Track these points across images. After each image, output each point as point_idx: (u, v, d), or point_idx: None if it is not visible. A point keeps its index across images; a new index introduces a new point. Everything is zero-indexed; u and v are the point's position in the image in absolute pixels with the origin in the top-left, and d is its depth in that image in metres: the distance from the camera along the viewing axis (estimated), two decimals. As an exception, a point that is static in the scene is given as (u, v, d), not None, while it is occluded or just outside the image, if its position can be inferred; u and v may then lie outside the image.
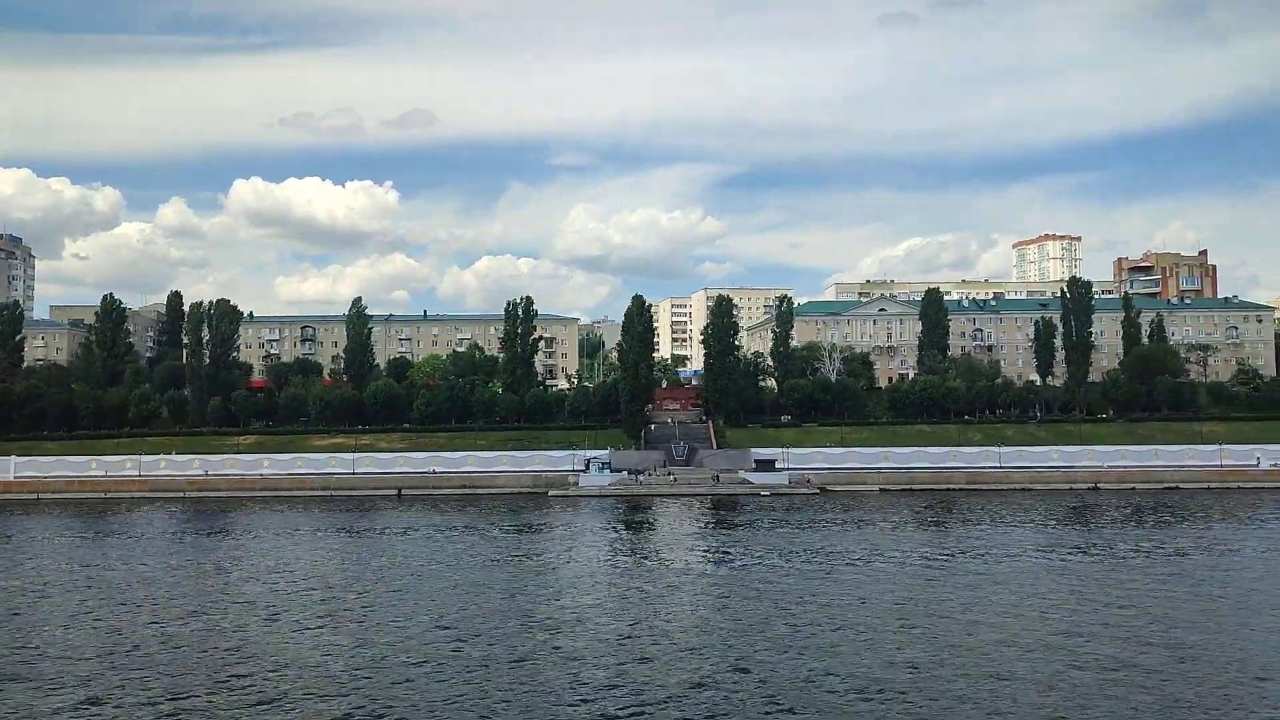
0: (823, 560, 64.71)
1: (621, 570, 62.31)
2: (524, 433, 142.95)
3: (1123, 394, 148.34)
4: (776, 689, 35.23)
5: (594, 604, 51.19)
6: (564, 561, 65.82)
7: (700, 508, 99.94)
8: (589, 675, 37.18)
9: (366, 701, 34.06)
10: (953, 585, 55.19)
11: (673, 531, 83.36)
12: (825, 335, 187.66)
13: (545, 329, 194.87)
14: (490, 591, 54.25)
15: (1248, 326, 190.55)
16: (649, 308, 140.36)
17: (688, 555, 68.44)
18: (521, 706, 33.48)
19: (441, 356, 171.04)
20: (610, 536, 79.34)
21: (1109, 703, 33.29)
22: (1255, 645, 41.27)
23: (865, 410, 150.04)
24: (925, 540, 74.40)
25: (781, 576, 58.55)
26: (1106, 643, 41.28)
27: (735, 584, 56.72)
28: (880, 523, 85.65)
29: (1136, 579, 56.60)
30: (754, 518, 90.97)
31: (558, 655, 40.25)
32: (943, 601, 50.57)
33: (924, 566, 61.68)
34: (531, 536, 79.25)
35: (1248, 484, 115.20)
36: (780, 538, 77.25)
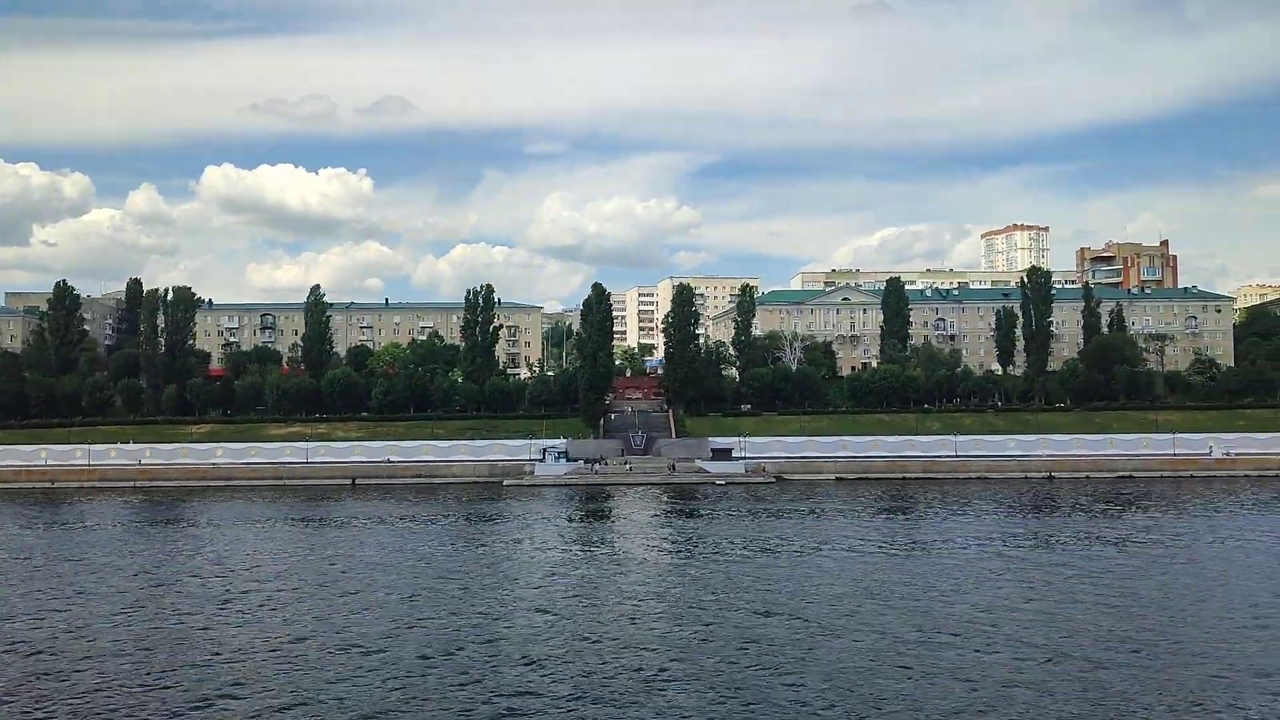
0: (765, 550, 64.42)
1: (565, 559, 61.70)
2: (483, 422, 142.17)
3: (1081, 383, 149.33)
4: (707, 682, 34.79)
5: (532, 593, 50.66)
6: (507, 552, 65.09)
7: (654, 497, 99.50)
8: (508, 660, 36.65)
9: (295, 698, 33.33)
10: (896, 575, 55.00)
11: (623, 521, 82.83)
12: (789, 324, 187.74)
13: (508, 318, 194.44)
14: (428, 582, 53.53)
15: (1206, 316, 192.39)
16: (608, 296, 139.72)
17: (633, 544, 67.93)
18: (448, 700, 32.89)
19: (402, 345, 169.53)
20: (559, 526, 78.66)
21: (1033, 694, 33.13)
22: (1202, 635, 41.24)
23: (826, 399, 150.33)
24: (870, 530, 74.27)
25: (725, 565, 58.19)
26: (1031, 628, 41.18)
27: (675, 573, 56.28)
28: (830, 512, 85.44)
29: (1074, 567, 56.64)
30: (705, 507, 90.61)
31: (487, 646, 39.65)
32: (883, 592, 50.33)
33: (866, 557, 61.51)
34: (478, 526, 78.39)
35: (1200, 473, 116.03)
36: (729, 527, 76.89)
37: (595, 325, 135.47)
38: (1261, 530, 71.58)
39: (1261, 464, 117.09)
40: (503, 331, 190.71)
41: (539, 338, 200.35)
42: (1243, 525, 75.12)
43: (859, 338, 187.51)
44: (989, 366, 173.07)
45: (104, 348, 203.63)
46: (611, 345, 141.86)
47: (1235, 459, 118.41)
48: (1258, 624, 42.63)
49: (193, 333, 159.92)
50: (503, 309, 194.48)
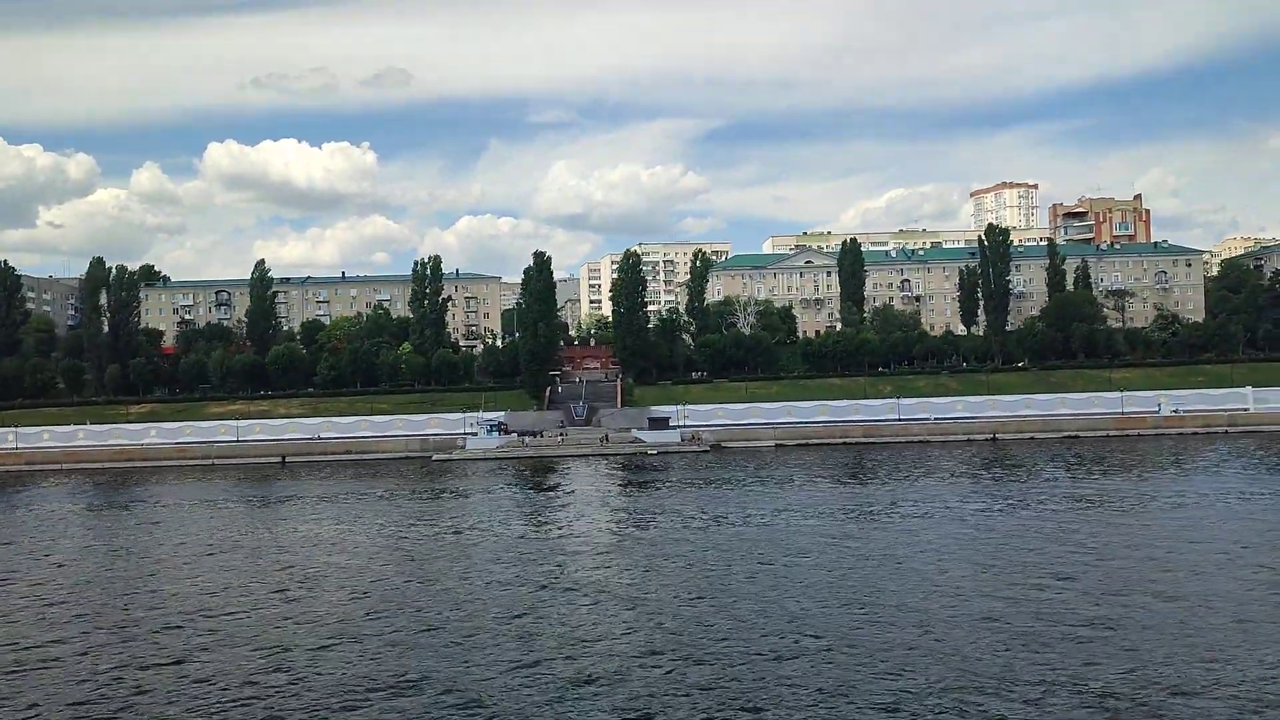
0: (634, 521, 62.08)
1: (411, 535, 59.35)
2: (429, 395, 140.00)
3: (1039, 342, 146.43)
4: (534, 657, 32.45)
5: (335, 565, 48.51)
6: (366, 527, 62.75)
7: (574, 470, 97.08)
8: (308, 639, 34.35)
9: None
10: (746, 546, 52.60)
11: (518, 497, 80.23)
12: (751, 290, 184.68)
13: (467, 288, 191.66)
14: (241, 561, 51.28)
15: (1177, 271, 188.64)
16: (549, 262, 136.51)
17: (507, 521, 65.59)
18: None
19: (354, 319, 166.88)
20: (446, 503, 76.32)
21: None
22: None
23: (779, 364, 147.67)
24: (758, 498, 71.86)
25: (587, 539, 55.82)
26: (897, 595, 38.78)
27: (513, 549, 53.89)
28: (743, 480, 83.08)
29: (942, 532, 54.19)
30: (617, 478, 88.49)
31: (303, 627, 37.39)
32: (720, 574, 47.93)
33: (727, 527, 59.08)
34: (370, 503, 76.09)
35: (1147, 431, 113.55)
36: (623, 498, 74.75)
37: (536, 295, 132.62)
38: (1165, 490, 69.14)
39: (1209, 421, 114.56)
40: (461, 302, 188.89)
41: (498, 308, 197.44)
42: (1152, 488, 72.62)
43: (822, 301, 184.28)
44: (955, 328, 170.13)
45: (66, 329, 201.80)
46: (554, 315, 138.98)
47: (1183, 417, 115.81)
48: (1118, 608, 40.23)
49: (137, 311, 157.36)
50: (461, 279, 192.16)
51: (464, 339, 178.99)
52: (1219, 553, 47.48)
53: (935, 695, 28.80)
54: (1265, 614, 36.39)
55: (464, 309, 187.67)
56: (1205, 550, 48.21)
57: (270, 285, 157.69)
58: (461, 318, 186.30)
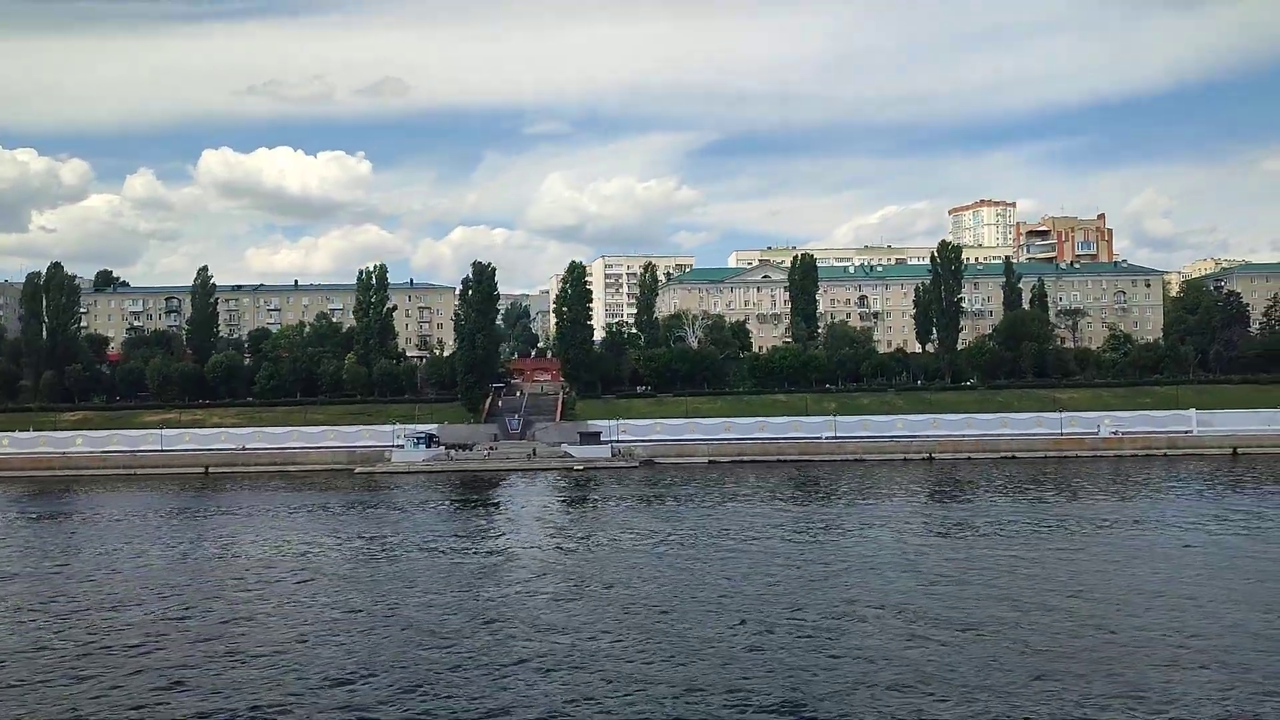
0: (506, 540, 60.12)
1: (285, 555, 57.21)
2: (369, 406, 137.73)
3: (988, 360, 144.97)
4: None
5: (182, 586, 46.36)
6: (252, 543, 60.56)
7: (498, 484, 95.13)
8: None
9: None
10: (654, 565, 50.67)
11: (419, 513, 78.09)
12: (708, 303, 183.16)
13: (421, 298, 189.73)
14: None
15: (1136, 291, 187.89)
16: (492, 272, 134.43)
17: (394, 537, 63.49)
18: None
19: (299, 327, 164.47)
20: (341, 518, 74.18)
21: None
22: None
23: (726, 380, 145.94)
24: (669, 516, 69.96)
25: (443, 560, 53.79)
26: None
27: (369, 572, 51.80)
28: (659, 498, 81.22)
29: (814, 553, 52.33)
30: (530, 495, 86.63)
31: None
32: (631, 589, 45.97)
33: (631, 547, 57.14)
34: (270, 519, 73.82)
35: (1084, 453, 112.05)
36: (521, 516, 72.88)
37: (474, 306, 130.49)
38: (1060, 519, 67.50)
39: (1148, 443, 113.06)
40: (415, 312, 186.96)
41: (450, 319, 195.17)
42: (1039, 514, 70.95)
43: (779, 316, 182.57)
44: (912, 345, 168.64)
45: (16, 334, 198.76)
46: (493, 327, 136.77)
47: (1122, 439, 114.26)
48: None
49: (78, 317, 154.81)
50: (415, 289, 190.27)
51: (417, 349, 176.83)
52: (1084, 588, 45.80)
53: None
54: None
55: (417, 319, 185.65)
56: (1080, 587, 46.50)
57: (213, 293, 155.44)
58: (414, 328, 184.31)
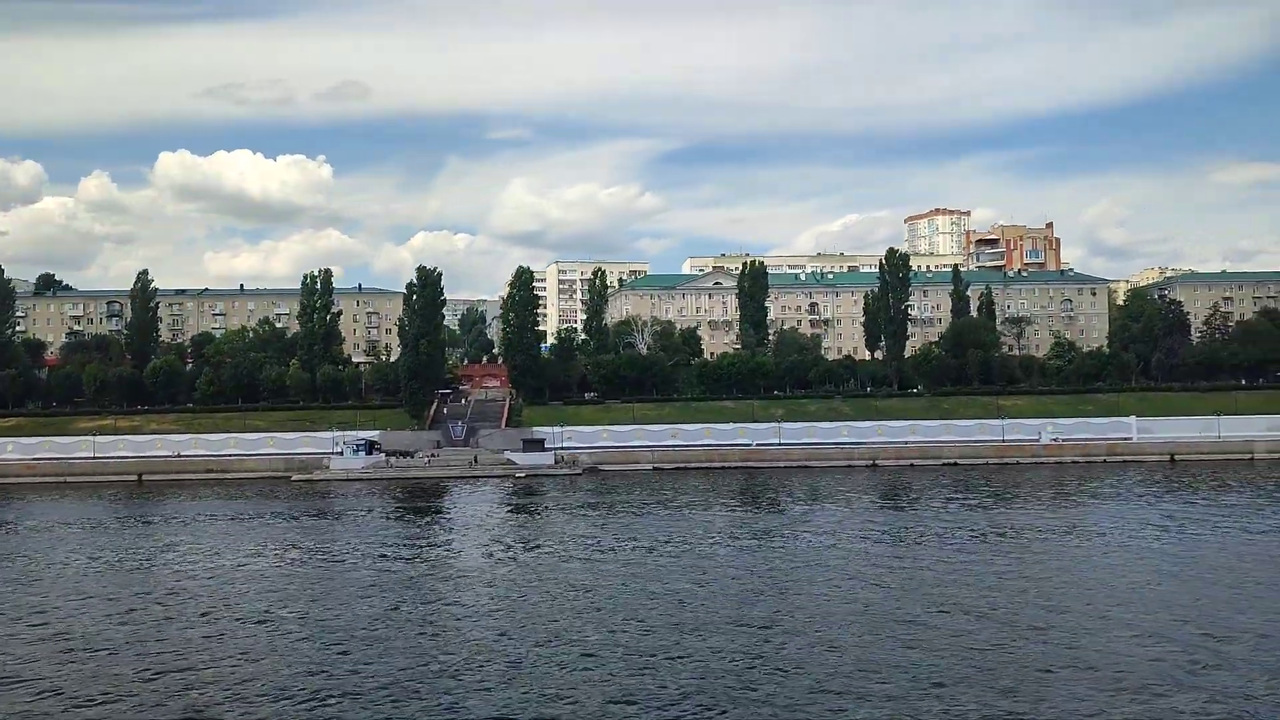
0: (440, 549, 59.04)
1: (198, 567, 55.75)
2: (311, 412, 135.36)
3: (935, 368, 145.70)
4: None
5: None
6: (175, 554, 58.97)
7: (438, 491, 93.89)
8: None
9: None
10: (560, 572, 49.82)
11: (341, 523, 76.68)
12: (660, 310, 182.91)
13: (369, 303, 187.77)
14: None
15: (1082, 299, 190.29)
16: (438, 276, 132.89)
17: (306, 546, 62.14)
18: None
19: (241, 332, 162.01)
20: (271, 528, 72.64)
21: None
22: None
23: (675, 386, 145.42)
24: (603, 525, 69.23)
25: (375, 571, 52.62)
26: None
27: (292, 581, 50.56)
28: (595, 506, 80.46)
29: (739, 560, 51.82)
30: (473, 501, 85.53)
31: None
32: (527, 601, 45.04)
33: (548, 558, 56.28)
34: (199, 527, 72.10)
35: (1025, 459, 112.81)
36: (451, 525, 71.81)
37: (419, 311, 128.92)
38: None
39: (1088, 450, 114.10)
40: (363, 317, 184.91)
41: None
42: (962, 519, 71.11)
43: (730, 323, 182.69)
44: (862, 352, 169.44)
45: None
46: (439, 331, 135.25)
47: (1063, 445, 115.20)
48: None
49: (13, 322, 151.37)
50: (364, 294, 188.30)
51: (365, 355, 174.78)
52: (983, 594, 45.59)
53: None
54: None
55: (365, 324, 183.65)
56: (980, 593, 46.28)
57: (154, 297, 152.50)
58: (363, 333, 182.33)
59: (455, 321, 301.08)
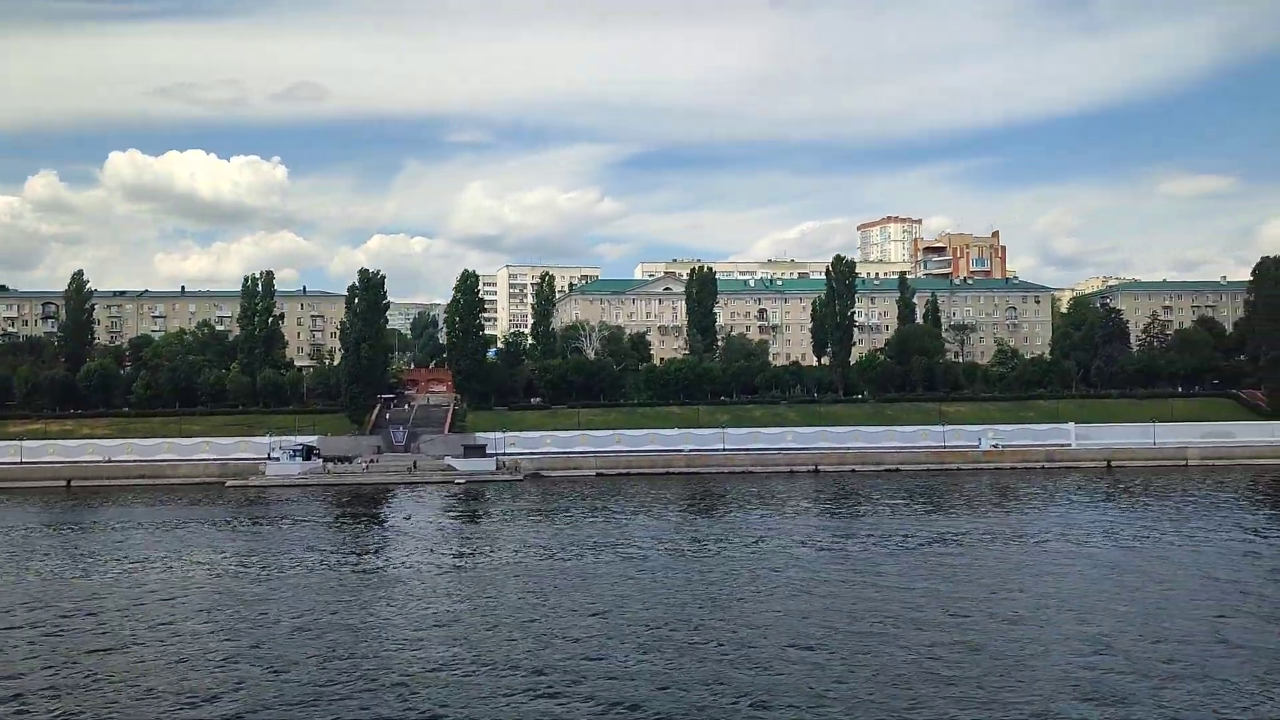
0: (372, 557, 58.02)
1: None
2: (251, 417, 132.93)
3: (879, 374, 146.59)
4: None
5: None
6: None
7: (377, 498, 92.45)
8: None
9: None
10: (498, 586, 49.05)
11: (274, 529, 75.28)
12: (610, 315, 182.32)
13: (314, 306, 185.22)
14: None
15: (1026, 307, 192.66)
16: (380, 279, 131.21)
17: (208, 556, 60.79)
18: None
19: (179, 335, 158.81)
20: (200, 534, 70.99)
21: None
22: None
23: (622, 391, 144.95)
24: (545, 532, 68.54)
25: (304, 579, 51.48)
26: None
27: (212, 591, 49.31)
28: (545, 511, 79.72)
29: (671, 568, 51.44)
30: (407, 509, 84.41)
31: None
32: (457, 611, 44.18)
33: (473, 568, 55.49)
34: (119, 534, 70.22)
35: (965, 465, 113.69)
36: (385, 532, 70.69)
37: (359, 313, 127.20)
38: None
39: (1026, 456, 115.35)
40: (307, 321, 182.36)
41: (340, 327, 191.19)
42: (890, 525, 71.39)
43: (681, 328, 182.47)
44: (810, 358, 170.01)
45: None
46: (382, 335, 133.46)
47: (1003, 451, 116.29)
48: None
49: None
50: (308, 297, 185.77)
51: (309, 359, 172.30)
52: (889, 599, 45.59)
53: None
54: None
55: (310, 327, 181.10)
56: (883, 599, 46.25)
57: (89, 298, 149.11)
58: (307, 336, 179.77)
59: (407, 325, 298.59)
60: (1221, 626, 39.61)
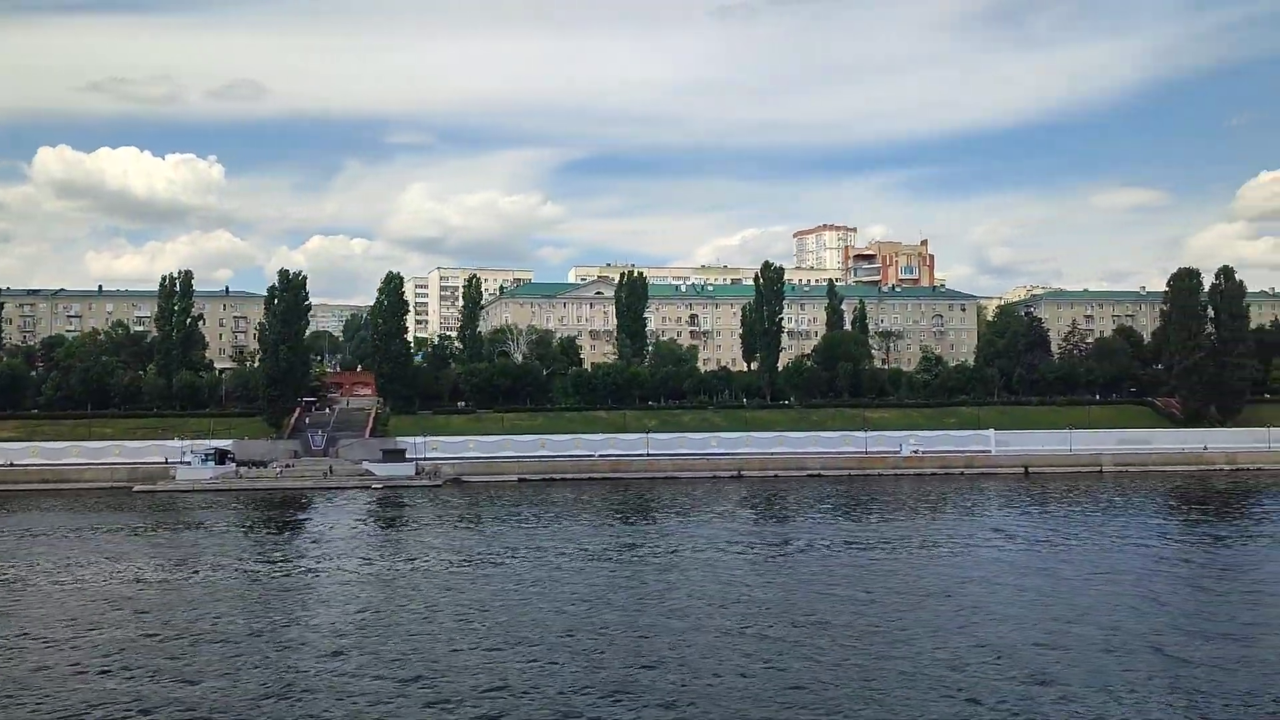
0: (273, 566, 56.48)
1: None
2: (166, 420, 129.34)
3: (805, 380, 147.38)
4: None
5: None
6: None
7: (289, 504, 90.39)
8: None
9: None
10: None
11: (176, 535, 73.09)
12: (541, 318, 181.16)
13: (236, 307, 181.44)
14: None
15: (953, 314, 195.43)
16: (302, 280, 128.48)
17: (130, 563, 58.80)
18: None
19: (92, 335, 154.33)
20: (101, 541, 68.61)
21: None
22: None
23: (550, 396, 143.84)
24: (453, 539, 67.40)
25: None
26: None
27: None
28: (456, 518, 78.48)
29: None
30: (317, 515, 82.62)
31: None
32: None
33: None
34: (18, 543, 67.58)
35: (886, 471, 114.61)
36: (285, 540, 68.98)
37: (279, 315, 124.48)
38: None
39: (946, 462, 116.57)
40: (230, 322, 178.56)
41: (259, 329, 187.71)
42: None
43: (612, 333, 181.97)
44: (740, 364, 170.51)
45: None
46: (301, 337, 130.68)
47: (923, 457, 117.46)
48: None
49: None
50: (231, 298, 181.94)
51: (231, 361, 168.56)
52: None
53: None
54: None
55: (232, 328, 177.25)
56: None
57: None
58: (229, 338, 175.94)
59: (339, 328, 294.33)
60: (1113, 635, 39.90)
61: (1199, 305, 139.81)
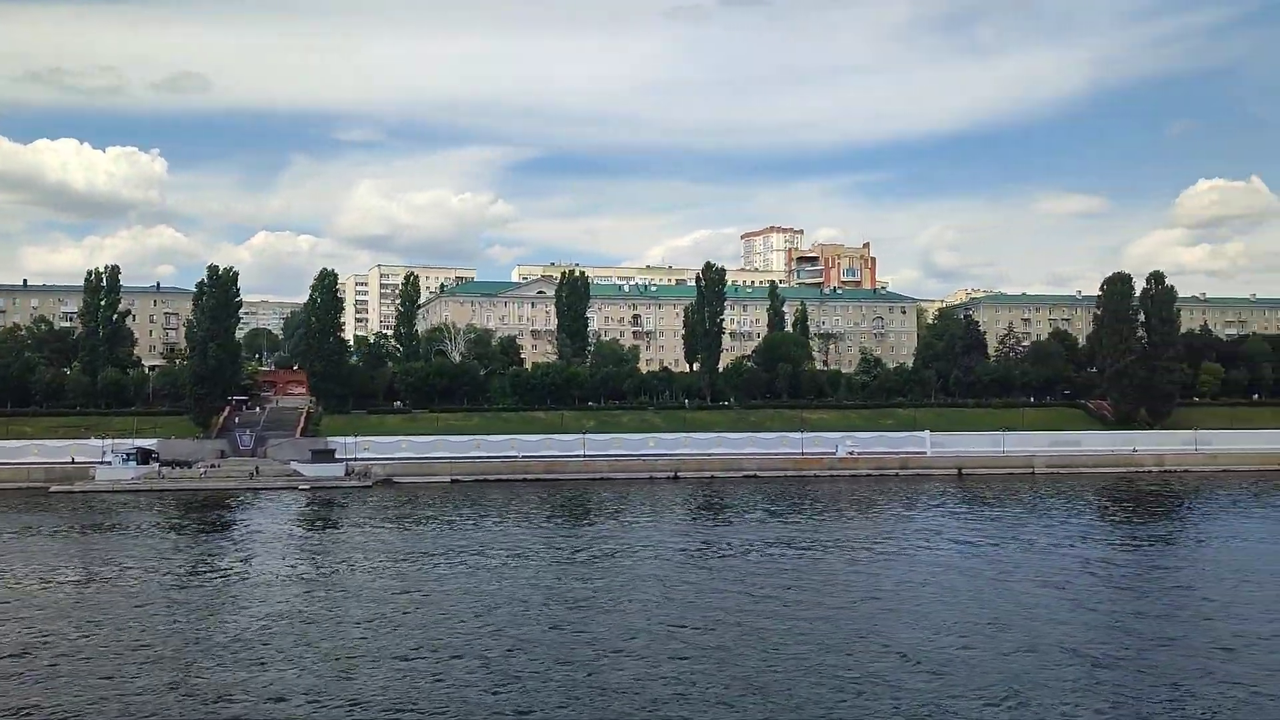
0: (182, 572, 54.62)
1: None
2: (90, 419, 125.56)
3: (745, 381, 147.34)
4: None
5: None
6: None
7: (210, 506, 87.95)
8: None
9: None
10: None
11: (87, 538, 70.71)
12: (481, 317, 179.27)
13: (168, 303, 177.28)
14: None
15: (894, 317, 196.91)
16: (233, 276, 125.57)
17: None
18: None
19: (13, 330, 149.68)
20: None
21: None
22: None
23: (488, 396, 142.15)
24: (384, 541, 65.86)
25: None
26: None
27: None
28: (384, 520, 76.81)
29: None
30: (240, 517, 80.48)
31: None
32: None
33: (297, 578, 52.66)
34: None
35: (822, 471, 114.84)
36: (201, 543, 67.03)
37: (207, 311, 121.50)
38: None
39: (882, 463, 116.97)
40: (160, 319, 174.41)
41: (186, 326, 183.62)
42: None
43: (554, 332, 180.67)
44: (683, 364, 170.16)
45: None
46: (232, 335, 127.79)
47: (858, 458, 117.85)
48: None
49: None
50: (162, 294, 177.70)
51: (162, 358, 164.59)
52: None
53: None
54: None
55: (163, 325, 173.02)
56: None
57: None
58: (160, 334, 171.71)
59: (279, 326, 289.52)
60: (1035, 638, 39.65)
61: (1130, 309, 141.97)
